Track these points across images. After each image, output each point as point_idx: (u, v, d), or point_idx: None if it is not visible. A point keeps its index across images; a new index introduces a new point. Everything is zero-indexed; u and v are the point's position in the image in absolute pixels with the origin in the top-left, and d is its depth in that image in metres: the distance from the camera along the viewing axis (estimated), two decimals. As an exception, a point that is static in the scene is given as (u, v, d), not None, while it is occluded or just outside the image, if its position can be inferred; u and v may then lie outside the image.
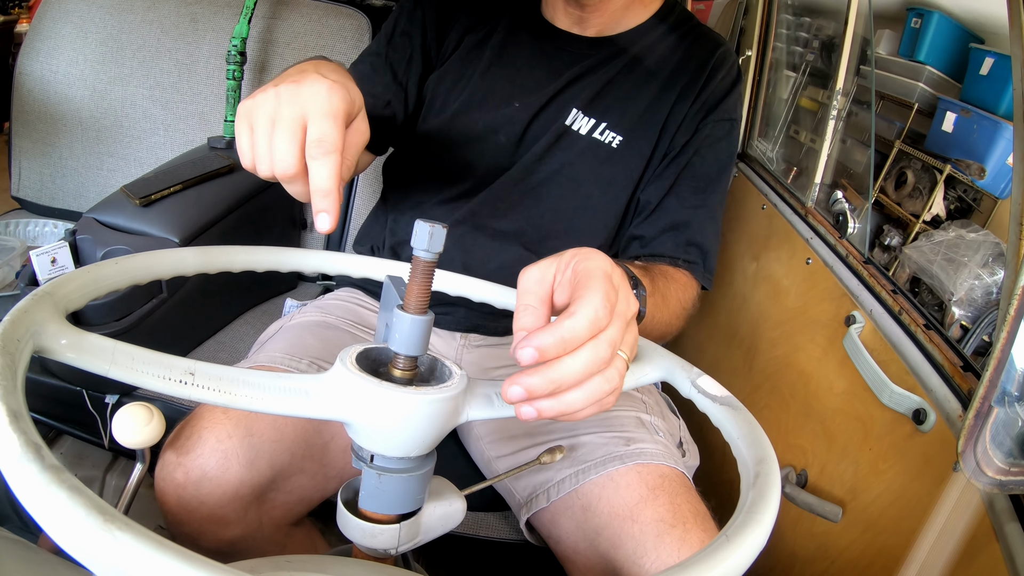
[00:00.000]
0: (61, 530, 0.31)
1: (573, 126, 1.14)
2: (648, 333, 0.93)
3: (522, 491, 0.99)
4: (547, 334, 0.47)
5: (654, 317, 0.93)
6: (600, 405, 0.52)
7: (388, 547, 0.58)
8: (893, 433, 1.00)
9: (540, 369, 0.48)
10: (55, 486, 0.32)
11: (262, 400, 0.48)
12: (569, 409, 0.50)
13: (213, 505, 0.84)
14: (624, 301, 0.53)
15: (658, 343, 1.00)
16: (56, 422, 1.29)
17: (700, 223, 1.13)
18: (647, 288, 0.82)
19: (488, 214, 1.15)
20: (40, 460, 0.33)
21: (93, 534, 0.31)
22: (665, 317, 0.98)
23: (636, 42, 1.16)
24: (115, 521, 0.31)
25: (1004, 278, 0.76)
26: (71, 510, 0.31)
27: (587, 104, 1.14)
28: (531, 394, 0.48)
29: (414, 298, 0.53)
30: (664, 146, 1.16)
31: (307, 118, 0.62)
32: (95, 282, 0.59)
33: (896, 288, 1.13)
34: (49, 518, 0.32)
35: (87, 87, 1.75)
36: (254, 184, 1.52)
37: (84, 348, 0.46)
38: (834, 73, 1.70)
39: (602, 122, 1.14)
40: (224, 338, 1.48)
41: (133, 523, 0.32)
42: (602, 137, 1.14)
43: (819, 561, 1.12)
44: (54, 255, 1.22)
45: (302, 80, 0.63)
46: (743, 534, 0.44)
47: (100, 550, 0.31)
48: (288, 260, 0.79)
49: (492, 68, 1.17)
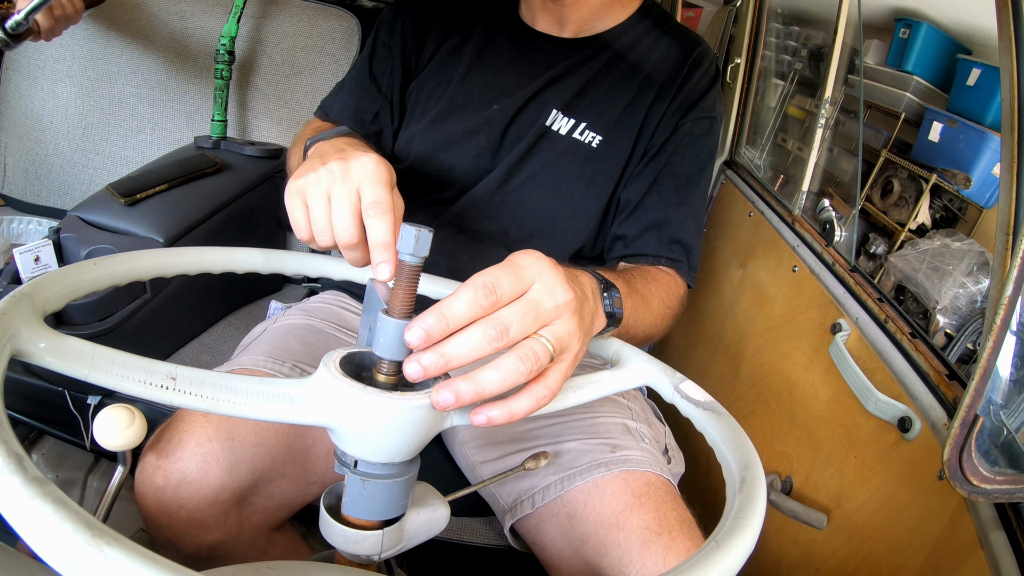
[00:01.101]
0: (46, 546, 0.30)
1: (553, 127, 1.14)
2: (632, 335, 0.93)
3: (507, 497, 0.98)
4: (428, 314, 0.50)
5: (636, 319, 0.93)
6: (533, 396, 0.54)
7: (371, 553, 0.58)
8: (878, 441, 1.01)
9: (432, 347, 0.51)
10: (39, 500, 0.31)
11: (245, 406, 0.47)
12: (484, 389, 0.51)
13: (192, 509, 0.83)
14: (547, 292, 0.54)
15: (644, 345, 1.00)
16: (37, 423, 1.28)
17: (682, 220, 1.13)
18: (621, 290, 0.82)
19: (472, 216, 1.15)
20: (23, 472, 0.33)
21: (81, 551, 0.30)
22: (648, 318, 0.98)
23: (614, 42, 1.17)
24: (104, 536, 0.31)
25: (990, 287, 0.76)
26: (57, 525, 0.31)
27: (566, 104, 1.14)
28: (426, 370, 0.50)
29: (399, 302, 0.52)
30: (643, 145, 1.16)
31: (360, 189, 0.68)
32: (74, 283, 0.58)
33: (882, 296, 1.13)
34: (33, 533, 0.31)
35: (74, 83, 1.73)
36: (240, 185, 1.51)
37: (63, 352, 0.45)
38: (823, 82, 1.70)
39: (582, 122, 1.15)
40: (208, 340, 1.47)
41: (122, 538, 0.31)
42: (582, 137, 1.14)
43: (804, 568, 1.12)
44: (37, 253, 1.20)
45: (348, 157, 0.71)
46: (732, 540, 0.44)
47: (89, 567, 0.30)
48: (272, 262, 0.79)
49: (471, 72, 1.17)
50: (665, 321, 1.05)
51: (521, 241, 1.15)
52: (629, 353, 0.71)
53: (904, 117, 2.85)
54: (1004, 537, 0.77)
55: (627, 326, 0.88)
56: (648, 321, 0.98)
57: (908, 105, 2.85)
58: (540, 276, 0.55)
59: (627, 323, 0.88)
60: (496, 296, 0.51)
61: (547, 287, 0.55)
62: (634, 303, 0.93)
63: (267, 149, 1.64)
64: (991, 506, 0.80)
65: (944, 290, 2.32)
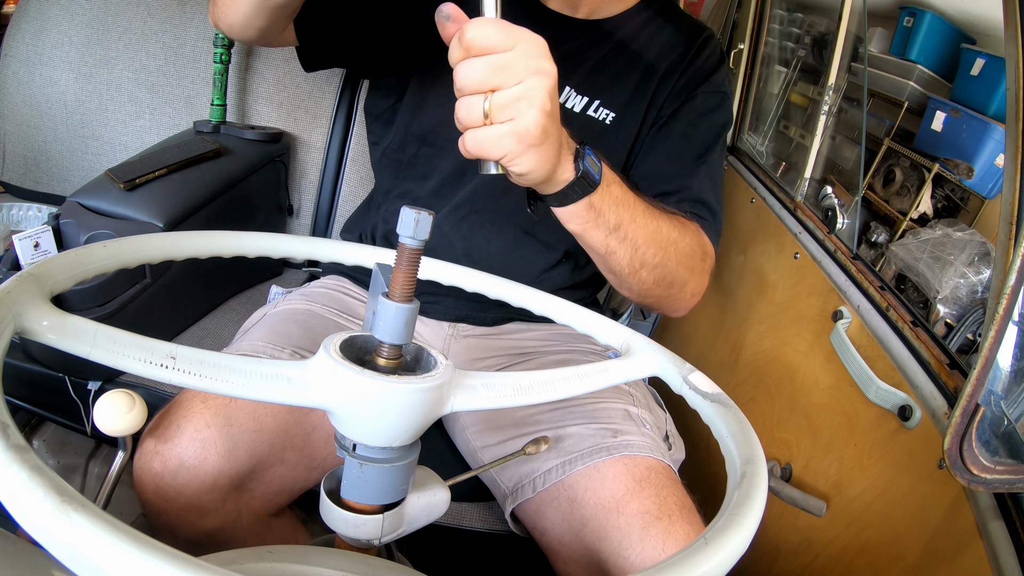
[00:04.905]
0: (19, 510, 0.32)
1: (567, 104, 1.14)
2: (631, 242, 0.91)
3: (507, 481, 0.99)
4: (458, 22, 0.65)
5: (634, 221, 0.90)
6: None
7: (371, 537, 0.58)
8: (878, 429, 1.01)
9: None
10: (17, 465, 0.32)
11: (243, 386, 0.47)
12: None
13: (191, 495, 0.83)
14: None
15: (657, 289, 0.97)
16: (39, 408, 1.28)
17: (704, 185, 1.12)
18: (621, 185, 0.86)
19: (486, 195, 1.15)
20: (5, 439, 0.33)
21: (49, 514, 0.31)
22: (652, 235, 0.93)
23: (624, 25, 1.17)
24: (72, 503, 0.31)
25: (993, 277, 0.76)
26: (29, 490, 0.32)
27: (580, 82, 1.14)
28: None
29: (399, 286, 0.52)
30: (652, 117, 1.16)
31: None
32: (81, 265, 0.58)
33: (884, 284, 1.13)
34: (9, 497, 0.32)
35: (72, 69, 1.72)
36: (240, 169, 1.50)
37: (66, 330, 0.46)
38: (826, 69, 1.70)
39: (595, 100, 1.14)
40: (208, 324, 1.47)
41: (91, 505, 0.32)
42: (596, 114, 1.14)
43: (803, 555, 1.12)
44: (37, 239, 1.20)
45: None
46: (722, 538, 0.43)
47: (55, 530, 0.31)
48: (280, 246, 0.78)
49: None
50: (679, 255, 0.98)
51: (535, 221, 1.15)
52: (639, 342, 0.71)
53: (907, 106, 2.84)
54: (1003, 526, 0.77)
55: (619, 218, 0.87)
56: (653, 240, 0.93)
57: (911, 94, 2.83)
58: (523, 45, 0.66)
59: (620, 216, 0.87)
60: None
61: None
62: (633, 202, 0.90)
63: (267, 133, 1.63)
64: (990, 495, 0.80)
65: (945, 280, 2.31)
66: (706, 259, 1.06)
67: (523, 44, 0.66)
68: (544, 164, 0.72)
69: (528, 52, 0.66)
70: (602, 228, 0.87)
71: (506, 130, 0.67)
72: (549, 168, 0.74)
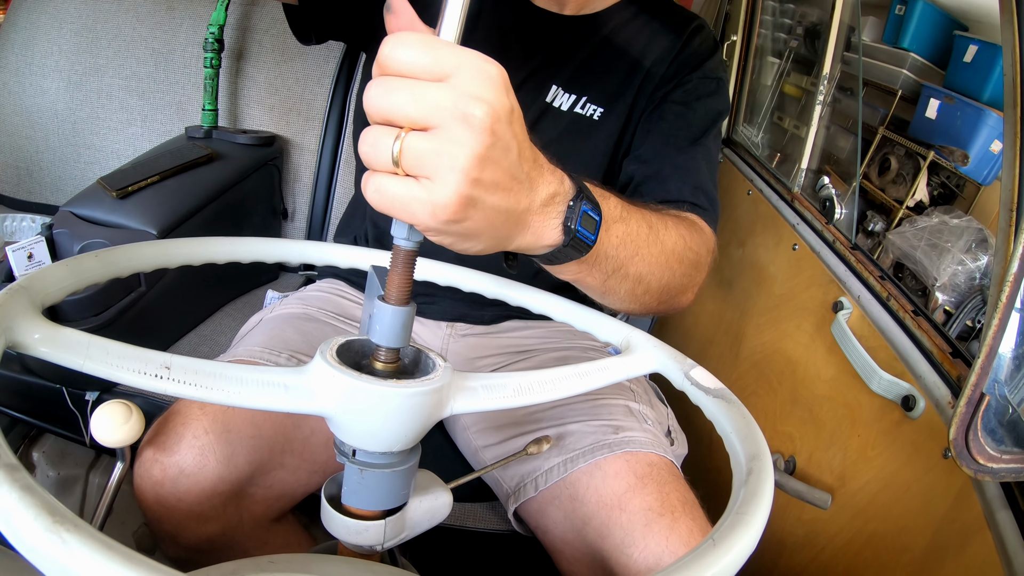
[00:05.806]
0: (11, 530, 0.31)
1: (554, 103, 1.13)
2: (629, 272, 0.78)
3: (509, 481, 0.98)
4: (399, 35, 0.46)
5: (636, 251, 0.77)
6: None
7: (374, 543, 0.57)
8: (882, 420, 1.00)
9: None
10: (7, 485, 0.32)
11: (239, 394, 0.46)
12: None
13: (191, 502, 0.82)
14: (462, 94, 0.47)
15: (660, 307, 0.91)
16: (38, 420, 1.27)
17: (701, 170, 1.08)
18: (613, 210, 0.71)
19: None
20: None
21: (41, 536, 0.31)
22: (655, 256, 0.81)
23: (612, 20, 1.15)
24: (64, 523, 0.31)
25: (994, 265, 0.76)
26: (21, 511, 0.31)
27: (568, 80, 1.13)
28: None
29: (395, 288, 0.51)
30: (640, 107, 1.13)
31: None
32: (73, 276, 0.57)
33: (884, 274, 1.13)
34: (1, 517, 0.32)
35: (62, 78, 1.71)
36: (233, 174, 1.50)
37: (58, 342, 0.45)
38: (820, 59, 1.69)
39: (583, 96, 1.13)
40: (205, 331, 1.46)
41: (84, 524, 0.31)
42: (584, 111, 1.13)
43: (808, 548, 1.12)
44: (31, 250, 1.19)
45: None
46: (731, 538, 0.42)
47: (48, 551, 0.31)
48: (274, 251, 0.78)
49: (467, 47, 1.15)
50: (684, 266, 0.88)
51: None
52: (639, 338, 0.70)
53: (901, 94, 2.83)
54: (1011, 516, 0.76)
55: (619, 260, 0.74)
56: (656, 265, 0.81)
57: (905, 82, 2.83)
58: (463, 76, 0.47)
59: (620, 258, 0.74)
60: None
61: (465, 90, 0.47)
62: (635, 234, 0.76)
63: (259, 137, 1.62)
64: (997, 485, 0.79)
65: (943, 267, 2.31)
66: (710, 254, 1.01)
67: (461, 76, 0.46)
68: (482, 242, 0.56)
69: (465, 89, 0.46)
70: (599, 275, 0.75)
71: (419, 193, 0.47)
72: (494, 244, 0.58)
